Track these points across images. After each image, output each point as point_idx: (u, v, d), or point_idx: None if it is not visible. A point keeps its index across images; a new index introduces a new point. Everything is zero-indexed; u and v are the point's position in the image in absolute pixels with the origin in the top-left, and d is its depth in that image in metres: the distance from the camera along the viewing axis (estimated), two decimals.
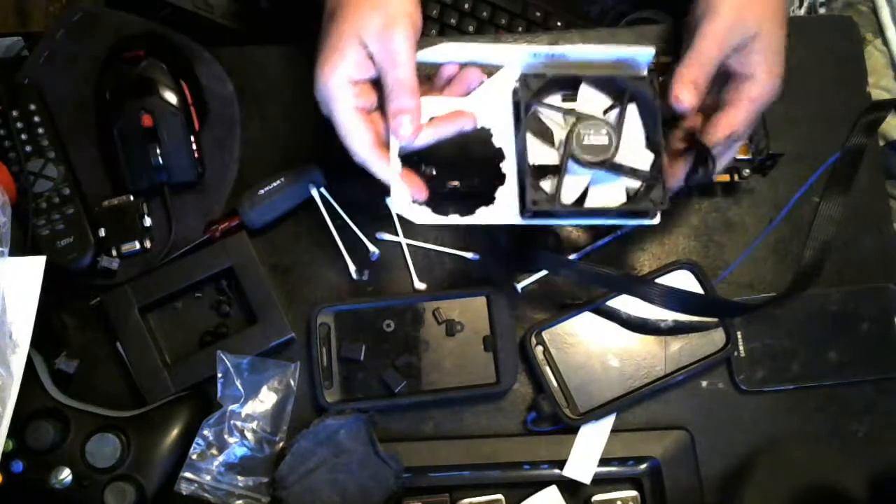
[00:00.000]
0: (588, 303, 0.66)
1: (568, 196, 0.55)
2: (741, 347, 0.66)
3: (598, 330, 0.65)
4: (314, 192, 0.66)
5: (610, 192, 0.55)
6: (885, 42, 0.78)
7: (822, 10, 0.82)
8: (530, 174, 0.54)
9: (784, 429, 0.66)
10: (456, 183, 0.62)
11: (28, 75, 0.69)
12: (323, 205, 0.67)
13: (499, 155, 0.56)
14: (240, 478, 0.61)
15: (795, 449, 0.65)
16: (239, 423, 0.62)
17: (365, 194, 0.69)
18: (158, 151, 0.65)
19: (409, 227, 0.68)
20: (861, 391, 0.66)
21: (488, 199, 0.56)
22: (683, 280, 0.66)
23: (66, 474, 0.58)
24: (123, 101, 0.66)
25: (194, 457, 0.60)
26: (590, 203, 0.55)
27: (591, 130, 0.54)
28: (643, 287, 0.61)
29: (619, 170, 0.55)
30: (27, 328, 0.59)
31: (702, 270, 0.66)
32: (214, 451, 0.61)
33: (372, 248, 0.67)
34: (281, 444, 0.62)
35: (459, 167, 0.62)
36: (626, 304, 0.66)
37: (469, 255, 0.68)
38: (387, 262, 0.68)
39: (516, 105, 0.56)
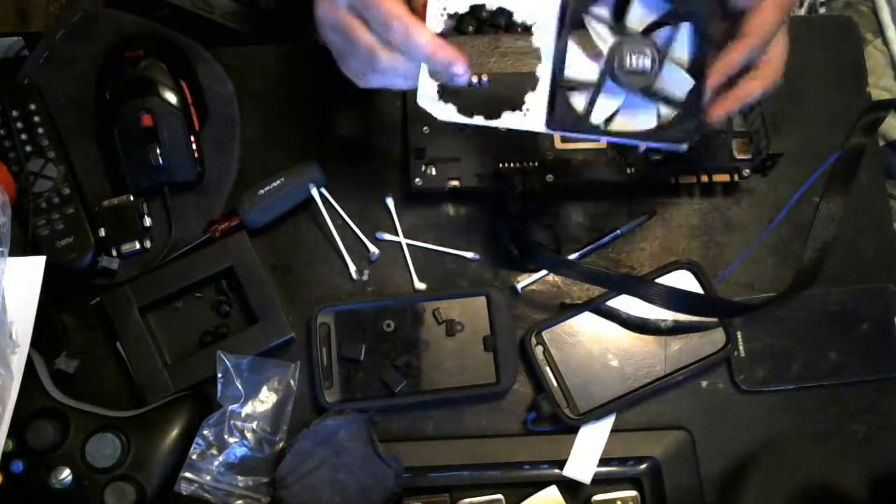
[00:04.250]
0: (588, 303, 0.66)
1: (598, 116, 0.52)
2: (741, 347, 0.66)
3: (598, 330, 0.65)
4: (314, 192, 0.66)
5: (641, 118, 0.53)
6: (885, 42, 0.78)
7: (822, 10, 0.82)
8: (563, 86, 0.52)
9: (784, 429, 0.66)
10: (486, 78, 0.55)
11: (28, 75, 0.69)
12: (323, 205, 0.67)
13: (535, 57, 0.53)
14: (240, 478, 0.61)
15: (795, 449, 0.65)
16: (239, 423, 0.62)
17: (365, 194, 0.69)
18: (158, 151, 0.65)
19: (410, 227, 0.68)
20: (861, 391, 0.66)
21: (517, 106, 0.53)
22: (683, 280, 0.66)
23: (66, 474, 0.58)
24: (123, 101, 0.66)
25: (194, 457, 0.60)
26: (617, 126, 0.52)
27: (635, 51, 0.51)
28: (643, 287, 0.61)
29: (657, 97, 0.52)
30: (27, 328, 0.59)
31: (702, 270, 0.66)
32: (214, 451, 0.61)
33: (372, 248, 0.67)
34: (281, 444, 0.62)
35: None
36: (626, 304, 0.66)
37: (469, 255, 0.68)
38: (387, 262, 0.68)
39: (563, 7, 0.52)
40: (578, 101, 0.52)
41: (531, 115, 0.52)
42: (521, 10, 0.52)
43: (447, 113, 0.52)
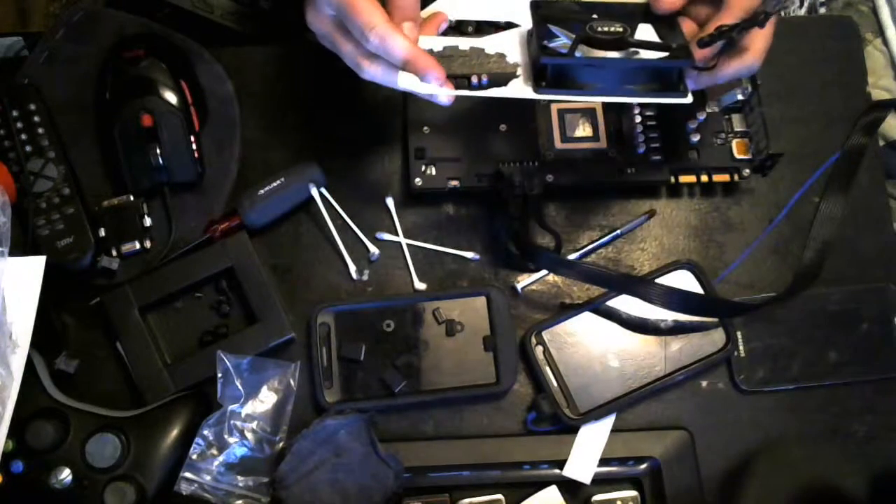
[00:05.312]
0: (588, 303, 0.66)
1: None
2: (741, 347, 0.66)
3: (598, 330, 0.65)
4: (314, 192, 0.66)
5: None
6: (885, 42, 0.78)
7: (822, 10, 0.82)
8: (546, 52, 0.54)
9: (784, 429, 0.66)
10: (486, 78, 0.58)
11: (28, 75, 0.69)
12: (323, 205, 0.67)
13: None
14: (240, 478, 0.61)
15: (795, 449, 0.65)
16: (239, 423, 0.62)
17: (365, 194, 0.69)
18: (158, 151, 0.65)
19: (410, 227, 0.68)
20: (861, 391, 0.66)
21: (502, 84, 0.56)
22: (683, 280, 0.66)
23: (66, 474, 0.58)
24: (123, 101, 0.66)
25: (194, 457, 0.60)
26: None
27: (604, 23, 0.54)
28: (643, 287, 0.61)
29: (640, 46, 0.53)
30: (27, 328, 0.59)
31: (702, 270, 0.66)
32: (214, 451, 0.61)
33: (372, 248, 0.67)
34: (281, 444, 0.62)
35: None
36: (626, 304, 0.66)
37: (469, 255, 0.68)
38: (387, 262, 0.68)
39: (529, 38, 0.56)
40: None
41: (517, 87, 0.55)
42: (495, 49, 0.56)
43: (433, 88, 0.53)
